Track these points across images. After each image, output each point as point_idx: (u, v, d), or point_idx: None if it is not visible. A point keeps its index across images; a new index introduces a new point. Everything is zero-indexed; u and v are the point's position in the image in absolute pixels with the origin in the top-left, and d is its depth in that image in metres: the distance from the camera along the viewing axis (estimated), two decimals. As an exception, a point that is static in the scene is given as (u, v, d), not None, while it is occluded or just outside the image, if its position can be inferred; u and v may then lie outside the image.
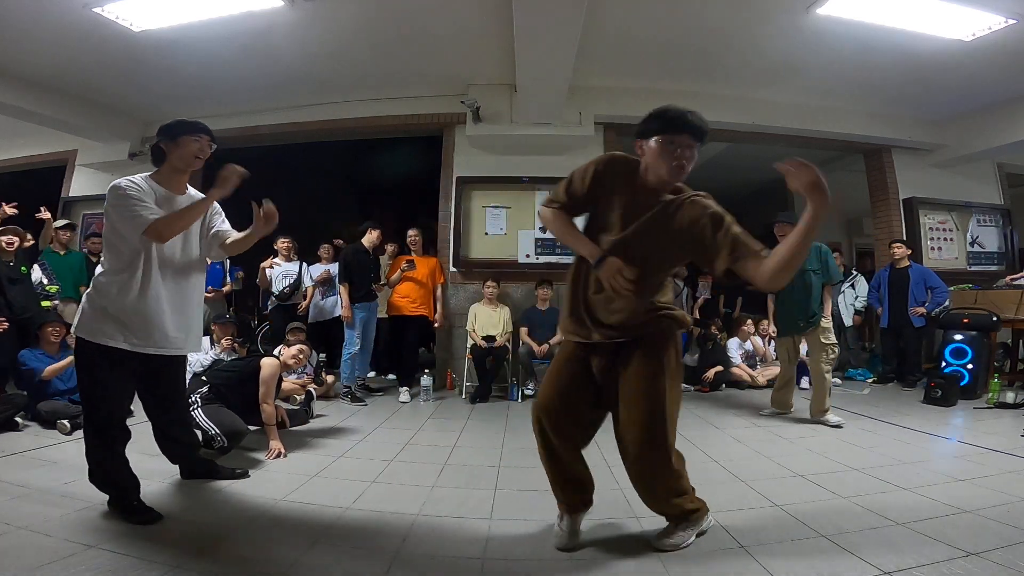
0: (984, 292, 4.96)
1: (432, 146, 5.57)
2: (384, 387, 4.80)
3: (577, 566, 1.61)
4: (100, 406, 1.88)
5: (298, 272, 4.93)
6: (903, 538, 1.75)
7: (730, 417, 3.77)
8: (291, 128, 5.54)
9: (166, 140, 1.96)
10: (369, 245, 4.35)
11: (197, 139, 1.98)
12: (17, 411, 3.07)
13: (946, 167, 5.86)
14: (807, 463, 2.62)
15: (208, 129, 2.02)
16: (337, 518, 1.94)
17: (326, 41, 4.22)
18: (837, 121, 5.41)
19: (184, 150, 1.96)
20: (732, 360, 5.10)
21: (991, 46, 3.98)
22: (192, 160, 1.99)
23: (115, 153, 5.74)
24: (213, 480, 2.28)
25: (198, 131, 1.98)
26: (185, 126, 1.97)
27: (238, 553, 1.66)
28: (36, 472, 2.34)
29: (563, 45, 3.64)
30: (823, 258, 3.66)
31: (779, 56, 4.38)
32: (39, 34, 3.93)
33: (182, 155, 1.97)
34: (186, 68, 4.54)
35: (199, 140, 1.98)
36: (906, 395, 4.52)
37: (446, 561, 1.63)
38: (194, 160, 1.99)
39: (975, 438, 3.04)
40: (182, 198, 2.02)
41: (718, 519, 1.90)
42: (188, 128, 1.97)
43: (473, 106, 4.72)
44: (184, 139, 1.96)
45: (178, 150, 1.96)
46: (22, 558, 1.56)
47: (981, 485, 2.25)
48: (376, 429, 3.31)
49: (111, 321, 1.84)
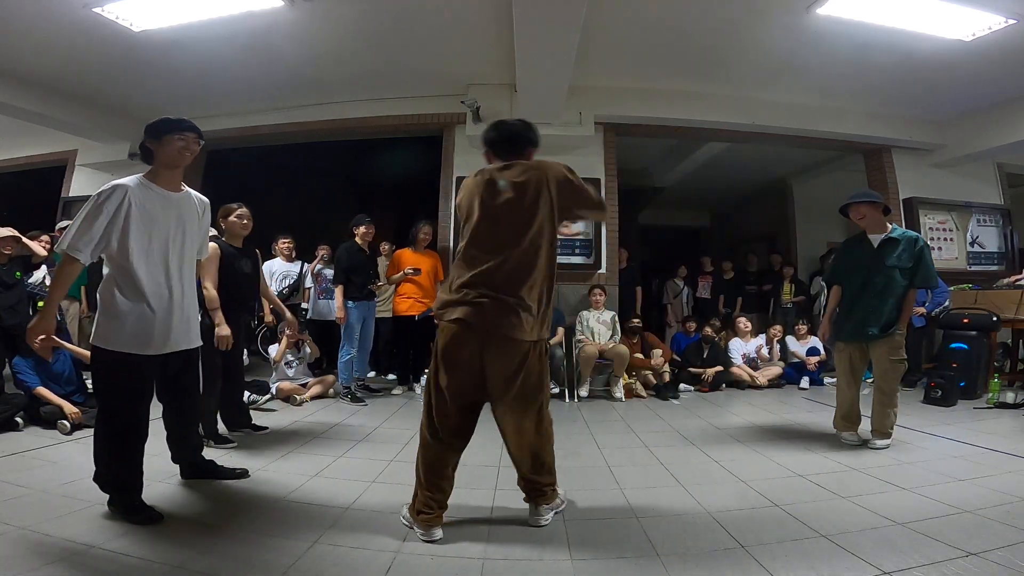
0: (984, 292, 4.96)
1: (432, 146, 5.57)
2: (384, 387, 4.79)
3: (577, 566, 1.61)
4: (120, 410, 1.91)
5: (298, 273, 4.93)
6: (903, 538, 1.75)
7: (730, 417, 3.77)
8: (291, 128, 5.55)
9: (151, 139, 1.97)
10: (363, 242, 4.26)
11: (182, 137, 1.97)
12: (17, 411, 3.07)
13: (946, 167, 5.86)
14: (807, 463, 2.62)
15: (193, 126, 2.01)
16: (337, 518, 1.94)
17: (326, 41, 4.23)
18: (837, 121, 5.41)
19: (169, 148, 1.96)
20: (732, 360, 5.10)
21: (991, 46, 3.98)
22: (178, 158, 1.98)
23: (115, 153, 5.74)
24: (213, 480, 2.28)
25: (183, 129, 1.98)
26: (169, 124, 1.97)
27: (238, 553, 1.66)
28: (36, 472, 2.34)
29: (563, 45, 3.64)
30: (920, 255, 2.86)
31: (779, 56, 4.38)
32: (39, 34, 3.93)
33: (168, 153, 1.97)
34: (186, 68, 4.54)
35: (184, 138, 1.98)
36: (906, 395, 4.49)
37: (446, 561, 1.63)
38: (180, 158, 1.99)
39: (975, 438, 3.04)
40: (177, 196, 2.04)
41: (718, 519, 1.90)
42: (172, 126, 1.97)
43: (473, 106, 4.72)
44: (168, 138, 1.96)
45: (163, 148, 1.96)
46: (22, 558, 1.56)
47: (981, 485, 2.25)
48: (376, 429, 3.31)
49: (122, 327, 1.88)
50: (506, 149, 1.93)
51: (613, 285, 5.20)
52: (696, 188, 8.22)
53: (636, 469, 2.57)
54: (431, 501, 1.80)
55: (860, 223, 3.03)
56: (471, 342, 1.74)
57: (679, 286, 7.00)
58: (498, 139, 1.96)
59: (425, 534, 1.77)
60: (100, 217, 1.84)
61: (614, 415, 3.86)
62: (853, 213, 3.01)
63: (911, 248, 2.88)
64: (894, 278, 2.89)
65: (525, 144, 1.94)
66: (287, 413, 3.72)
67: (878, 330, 2.89)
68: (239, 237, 2.97)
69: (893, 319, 2.88)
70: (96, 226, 1.83)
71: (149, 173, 1.99)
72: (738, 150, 6.32)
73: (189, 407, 2.24)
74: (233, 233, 2.96)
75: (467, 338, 1.75)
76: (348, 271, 4.11)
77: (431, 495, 1.81)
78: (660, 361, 4.77)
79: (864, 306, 2.95)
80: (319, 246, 5.13)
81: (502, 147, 1.95)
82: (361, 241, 4.23)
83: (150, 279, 1.92)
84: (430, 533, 1.77)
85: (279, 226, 5.03)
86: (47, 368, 3.25)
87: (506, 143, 1.94)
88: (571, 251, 5.15)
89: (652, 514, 1.99)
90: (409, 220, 4.86)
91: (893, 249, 2.91)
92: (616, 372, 4.46)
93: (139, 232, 1.89)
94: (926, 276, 2.89)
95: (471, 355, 1.75)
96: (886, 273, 2.89)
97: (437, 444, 1.83)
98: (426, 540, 1.75)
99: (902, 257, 2.88)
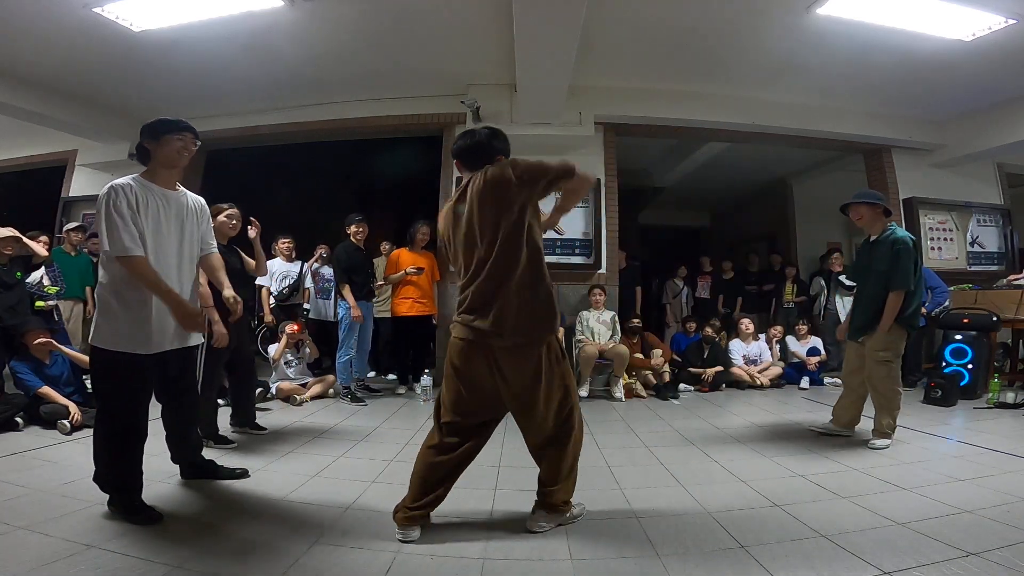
0: (984, 292, 4.95)
1: (432, 146, 5.57)
2: (385, 387, 4.79)
3: (577, 566, 1.61)
4: (120, 410, 1.91)
5: (298, 273, 4.93)
6: (903, 538, 1.75)
7: (730, 417, 3.77)
8: (291, 128, 5.54)
9: (149, 139, 1.99)
10: (357, 241, 4.24)
11: (180, 137, 2.00)
12: (17, 411, 3.07)
13: (946, 167, 5.86)
14: (807, 463, 2.62)
15: (191, 127, 2.04)
16: (337, 518, 1.94)
17: (326, 41, 4.22)
18: (837, 121, 5.41)
19: (167, 148, 1.99)
20: (733, 360, 5.10)
21: (991, 46, 3.98)
22: (176, 158, 2.01)
23: (115, 153, 5.74)
24: (213, 480, 2.28)
25: (180, 129, 2.01)
26: (167, 125, 1.99)
27: (238, 553, 1.66)
28: (36, 472, 2.34)
29: (563, 45, 3.64)
30: (895, 256, 2.87)
31: (779, 56, 4.38)
32: (39, 34, 3.93)
33: (166, 153, 1.99)
34: (186, 68, 4.54)
35: (182, 138, 2.01)
36: (906, 395, 4.49)
37: (446, 561, 1.63)
38: (179, 158, 2.01)
39: (975, 438, 3.04)
40: (175, 194, 2.06)
41: (718, 519, 1.90)
42: (170, 127, 1.99)
43: (473, 106, 4.72)
44: (167, 138, 1.98)
45: (162, 149, 1.98)
46: (22, 558, 1.56)
47: (981, 485, 2.25)
48: (376, 429, 3.31)
49: (120, 327, 1.88)
50: (472, 161, 1.86)
51: (613, 285, 5.19)
52: (696, 188, 8.22)
53: (636, 469, 2.57)
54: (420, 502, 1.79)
55: (859, 223, 3.06)
56: (477, 357, 1.76)
57: (678, 286, 7.00)
58: (464, 150, 1.89)
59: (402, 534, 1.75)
60: (123, 211, 1.84)
61: (614, 415, 3.86)
62: (852, 213, 3.03)
63: (889, 249, 2.89)
64: (879, 281, 2.93)
65: (492, 154, 1.85)
66: (287, 413, 3.72)
67: (863, 330, 2.99)
68: (226, 236, 2.99)
69: (875, 320, 2.92)
70: (125, 219, 1.84)
71: (146, 173, 2.01)
72: (738, 150, 6.32)
73: (188, 407, 2.25)
74: (221, 233, 2.98)
75: (472, 353, 1.76)
76: (348, 271, 4.11)
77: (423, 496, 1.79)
78: (660, 361, 4.77)
79: (856, 307, 3.09)
80: (318, 245, 5.13)
81: (468, 159, 1.88)
82: (355, 240, 4.23)
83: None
84: (407, 533, 1.76)
85: (279, 226, 5.03)
86: (43, 370, 3.24)
87: (471, 154, 1.87)
88: (571, 251, 5.15)
89: (652, 514, 1.99)
90: (409, 220, 4.86)
91: (879, 251, 2.96)
92: (616, 372, 4.46)
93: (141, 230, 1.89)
94: (899, 278, 2.85)
95: (480, 369, 1.76)
96: (875, 275, 2.94)
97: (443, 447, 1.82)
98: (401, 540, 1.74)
99: (884, 259, 2.90)
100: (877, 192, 3.34)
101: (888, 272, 2.87)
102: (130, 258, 1.83)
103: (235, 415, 3.12)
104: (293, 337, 4.23)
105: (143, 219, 1.90)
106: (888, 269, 2.87)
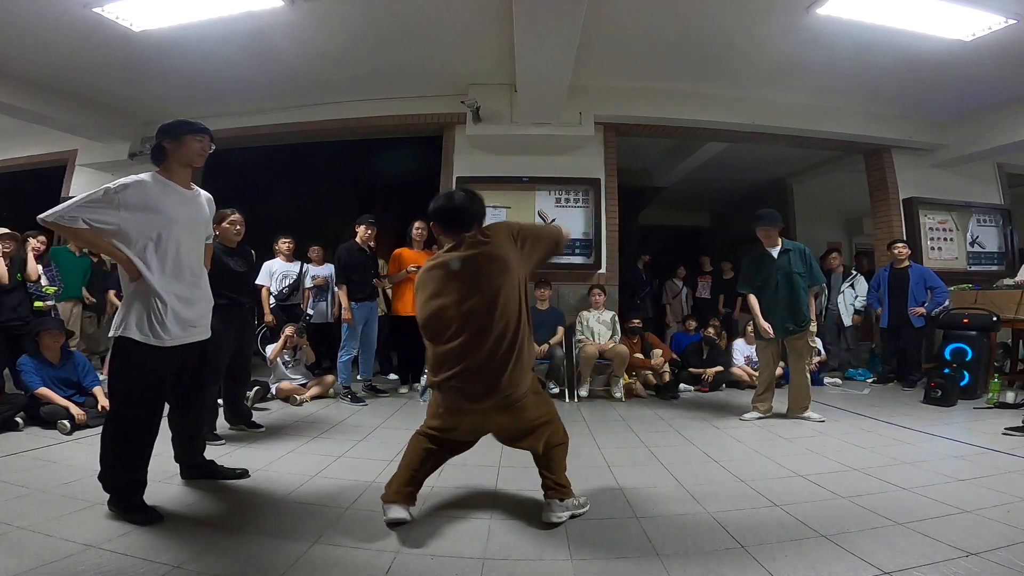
0: (984, 292, 4.95)
1: (432, 146, 5.57)
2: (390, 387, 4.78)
3: (577, 566, 1.61)
4: (134, 411, 1.93)
5: (298, 273, 4.92)
6: (903, 538, 1.75)
7: (730, 417, 3.76)
8: (291, 128, 5.55)
9: (169, 140, 2.04)
10: (363, 242, 4.25)
11: (200, 138, 2.08)
12: (17, 411, 3.07)
13: (946, 167, 5.87)
14: (807, 463, 2.62)
15: (208, 129, 2.12)
16: (337, 518, 1.94)
17: (326, 41, 4.23)
18: (837, 121, 5.42)
19: (187, 148, 2.05)
20: (735, 361, 5.10)
21: (991, 46, 3.98)
22: (196, 158, 2.08)
23: (115, 153, 5.74)
24: (213, 480, 2.28)
25: (200, 131, 2.08)
26: (188, 126, 2.06)
27: (238, 553, 1.66)
28: (36, 472, 2.34)
29: (563, 45, 3.64)
30: (808, 261, 3.57)
31: (779, 56, 4.38)
32: (39, 34, 3.93)
33: (187, 153, 2.05)
34: (186, 68, 4.55)
35: (202, 140, 2.09)
36: (906, 395, 4.52)
37: (446, 561, 1.63)
38: (198, 158, 2.09)
39: (975, 438, 3.04)
40: (189, 193, 2.11)
41: (718, 519, 1.90)
42: (191, 128, 2.06)
43: (473, 106, 4.72)
44: (188, 138, 2.05)
45: (182, 148, 2.04)
46: (22, 558, 1.56)
47: (981, 485, 2.25)
48: (376, 429, 3.31)
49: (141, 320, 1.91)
50: (451, 226, 1.87)
51: (613, 285, 5.19)
52: (696, 188, 8.22)
53: (636, 469, 2.57)
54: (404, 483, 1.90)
55: (767, 242, 3.64)
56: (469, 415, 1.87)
57: (678, 286, 7.00)
58: (442, 213, 1.88)
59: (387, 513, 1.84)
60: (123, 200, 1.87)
61: (614, 415, 3.86)
62: (762, 233, 3.57)
63: (801, 256, 3.55)
64: (797, 282, 3.50)
65: (471, 219, 1.86)
66: (287, 413, 3.72)
67: (796, 326, 3.50)
68: (232, 241, 3.09)
69: (807, 315, 3.50)
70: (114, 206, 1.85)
71: (163, 171, 2.05)
72: (738, 150, 6.33)
73: (199, 408, 2.28)
74: (227, 238, 3.07)
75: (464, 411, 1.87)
76: (348, 270, 4.11)
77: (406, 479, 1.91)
78: (660, 361, 4.77)
79: (780, 308, 3.52)
80: (310, 248, 5.10)
81: (446, 222, 1.88)
82: (361, 241, 4.23)
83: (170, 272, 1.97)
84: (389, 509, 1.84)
85: (279, 226, 5.02)
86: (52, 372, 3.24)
87: (450, 219, 1.87)
88: (571, 251, 5.15)
89: (652, 514, 1.99)
90: (409, 220, 4.85)
91: (791, 258, 3.56)
92: (616, 372, 4.46)
93: (159, 226, 1.95)
94: (817, 277, 3.62)
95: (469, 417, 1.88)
96: (790, 280, 3.50)
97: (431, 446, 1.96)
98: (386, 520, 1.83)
99: (797, 264, 3.52)
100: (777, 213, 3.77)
101: (808, 273, 3.54)
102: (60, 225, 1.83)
103: (230, 413, 3.14)
104: (291, 340, 4.22)
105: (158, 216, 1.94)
106: (807, 271, 3.55)
